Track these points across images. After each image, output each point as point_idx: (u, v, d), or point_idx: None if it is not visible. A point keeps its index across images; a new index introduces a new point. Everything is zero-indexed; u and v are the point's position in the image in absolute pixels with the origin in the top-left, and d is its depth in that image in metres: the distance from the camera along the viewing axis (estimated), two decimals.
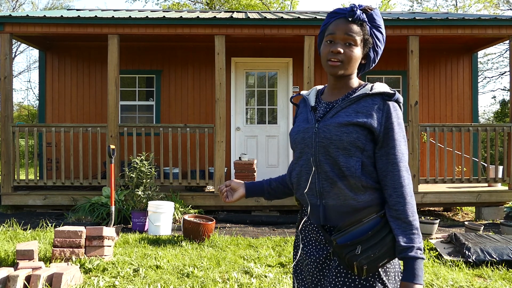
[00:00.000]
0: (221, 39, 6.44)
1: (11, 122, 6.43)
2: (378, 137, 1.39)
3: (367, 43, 1.45)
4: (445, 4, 24.48)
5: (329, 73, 1.46)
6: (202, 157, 6.91)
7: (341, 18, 1.43)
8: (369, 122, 1.38)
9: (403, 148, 1.39)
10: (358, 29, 1.42)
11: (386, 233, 1.34)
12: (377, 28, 1.46)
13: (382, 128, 1.38)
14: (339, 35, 1.42)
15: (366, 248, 1.32)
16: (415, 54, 6.44)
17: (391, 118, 1.39)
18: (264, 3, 22.05)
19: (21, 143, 15.87)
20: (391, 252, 1.34)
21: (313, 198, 1.45)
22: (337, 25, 1.43)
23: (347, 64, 1.42)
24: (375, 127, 1.38)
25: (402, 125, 1.42)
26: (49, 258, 3.96)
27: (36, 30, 6.46)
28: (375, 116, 1.39)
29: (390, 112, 1.39)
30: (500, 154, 11.41)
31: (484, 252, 4.14)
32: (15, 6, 25.55)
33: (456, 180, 6.53)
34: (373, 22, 1.45)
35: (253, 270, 3.79)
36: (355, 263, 1.32)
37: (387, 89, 1.42)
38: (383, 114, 1.39)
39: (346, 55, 1.41)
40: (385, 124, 1.38)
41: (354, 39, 1.41)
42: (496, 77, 25.09)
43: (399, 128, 1.40)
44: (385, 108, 1.39)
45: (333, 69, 1.43)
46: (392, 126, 1.38)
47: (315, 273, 1.46)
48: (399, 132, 1.39)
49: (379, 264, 1.33)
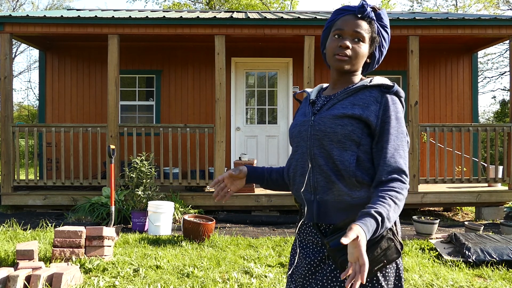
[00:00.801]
0: (221, 39, 6.44)
1: (11, 122, 6.43)
2: (375, 131, 1.34)
3: (374, 41, 1.43)
4: (445, 4, 24.49)
5: (335, 68, 1.44)
6: (202, 157, 6.91)
7: (350, 14, 1.42)
8: (365, 114, 1.34)
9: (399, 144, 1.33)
10: (367, 27, 1.40)
11: (381, 236, 1.28)
12: (384, 27, 1.45)
13: (379, 122, 1.34)
14: (348, 30, 1.40)
15: None
16: (415, 54, 6.44)
17: (388, 111, 1.34)
18: (264, 3, 22.05)
19: (21, 143, 15.87)
20: (387, 256, 1.28)
21: (307, 194, 1.42)
22: (346, 21, 1.41)
23: (354, 59, 1.40)
24: (371, 120, 1.33)
25: (401, 119, 1.36)
26: (49, 258, 3.96)
27: (36, 30, 6.46)
28: (372, 109, 1.34)
29: (388, 105, 1.34)
30: (500, 154, 11.41)
31: (484, 252, 4.14)
32: (15, 6, 25.55)
33: (456, 180, 6.53)
34: (381, 21, 1.44)
35: (253, 270, 3.79)
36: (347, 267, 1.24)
37: (386, 81, 1.39)
38: (380, 106, 1.35)
39: (354, 51, 1.39)
40: (382, 117, 1.34)
41: (362, 36, 1.39)
42: (496, 77, 25.10)
43: (396, 122, 1.34)
44: (383, 101, 1.35)
45: (340, 63, 1.41)
46: (389, 120, 1.33)
47: (307, 276, 1.40)
48: (395, 126, 1.34)
49: (374, 268, 1.26)
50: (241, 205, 6.46)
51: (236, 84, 8.13)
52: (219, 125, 6.45)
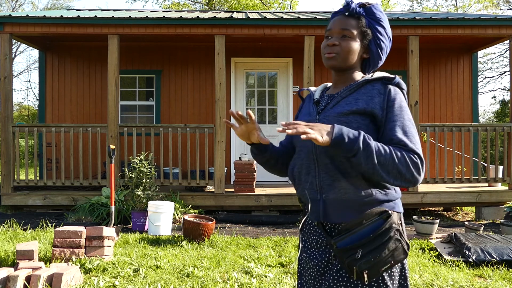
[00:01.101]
0: (221, 39, 6.43)
1: (11, 122, 6.43)
2: (381, 122, 1.35)
3: (366, 35, 1.44)
4: (445, 4, 24.48)
5: (326, 66, 1.47)
6: (202, 157, 6.91)
7: (339, 15, 1.46)
8: (370, 107, 1.34)
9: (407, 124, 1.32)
10: (355, 22, 1.43)
11: (389, 236, 1.27)
12: (377, 21, 1.45)
13: (384, 112, 1.34)
14: (335, 29, 1.44)
15: (366, 252, 1.25)
16: (415, 54, 6.44)
17: (391, 101, 1.35)
18: (263, 3, 22.04)
19: (21, 143, 15.86)
20: (394, 256, 1.27)
21: (313, 193, 1.41)
22: (334, 22, 1.46)
23: (342, 55, 1.42)
24: (376, 112, 1.34)
25: (405, 108, 1.36)
26: (49, 258, 3.96)
27: (36, 30, 6.46)
28: (376, 101, 1.35)
29: (391, 95, 1.36)
30: (500, 154, 11.41)
31: (484, 252, 4.14)
32: (15, 6, 25.55)
33: (456, 180, 6.53)
34: (372, 16, 1.44)
35: (253, 270, 3.79)
36: (355, 268, 1.25)
37: (387, 74, 1.41)
38: (384, 97, 1.36)
39: (342, 47, 1.42)
40: (386, 107, 1.35)
41: (349, 32, 1.42)
42: (496, 77, 25.10)
43: (400, 110, 1.34)
44: (386, 92, 1.36)
45: (329, 61, 1.44)
46: (393, 108, 1.34)
47: (317, 277, 1.41)
48: (399, 113, 1.34)
49: (381, 269, 1.26)
50: (241, 205, 6.46)
51: (236, 84, 8.13)
52: (219, 125, 6.45)
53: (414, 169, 1.27)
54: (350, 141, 1.22)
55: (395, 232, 1.29)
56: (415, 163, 1.27)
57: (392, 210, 1.35)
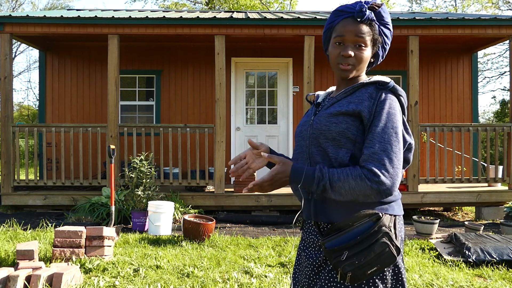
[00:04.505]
0: (221, 39, 6.44)
1: (11, 122, 6.43)
2: (366, 126, 1.33)
3: (377, 42, 1.42)
4: (444, 4, 24.47)
5: (339, 76, 1.45)
6: (202, 157, 6.91)
7: (348, 18, 1.39)
8: (358, 109, 1.33)
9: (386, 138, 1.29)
10: (368, 29, 1.39)
11: (375, 239, 1.24)
12: (386, 25, 1.43)
13: (371, 117, 1.32)
14: (348, 37, 1.38)
15: (351, 254, 1.24)
16: (415, 54, 6.44)
17: (379, 106, 1.32)
18: (263, 3, 22.04)
19: (21, 143, 15.86)
20: (381, 260, 1.24)
21: (304, 192, 1.42)
22: (345, 27, 1.39)
23: (357, 66, 1.40)
24: (364, 115, 1.33)
25: (393, 115, 1.32)
26: (49, 258, 3.96)
27: (36, 30, 6.46)
28: (366, 104, 1.33)
29: (381, 101, 1.33)
30: (500, 154, 11.41)
31: (484, 252, 4.14)
32: (15, 6, 25.56)
33: (456, 180, 6.53)
34: (382, 20, 1.41)
35: (253, 270, 3.79)
36: (339, 269, 1.25)
37: (383, 79, 1.38)
38: (374, 102, 1.33)
39: (357, 58, 1.39)
40: (374, 112, 1.32)
41: (364, 41, 1.38)
42: (496, 77, 25.12)
43: (386, 117, 1.31)
44: (377, 97, 1.34)
45: (344, 73, 1.41)
46: (379, 115, 1.31)
47: (312, 276, 1.41)
48: (385, 121, 1.30)
49: (367, 272, 1.24)
50: (241, 205, 6.46)
51: (236, 84, 8.13)
52: (219, 125, 6.45)
53: (370, 190, 1.27)
54: (305, 184, 1.33)
55: (383, 235, 1.25)
56: (370, 180, 1.27)
57: (385, 212, 1.32)
